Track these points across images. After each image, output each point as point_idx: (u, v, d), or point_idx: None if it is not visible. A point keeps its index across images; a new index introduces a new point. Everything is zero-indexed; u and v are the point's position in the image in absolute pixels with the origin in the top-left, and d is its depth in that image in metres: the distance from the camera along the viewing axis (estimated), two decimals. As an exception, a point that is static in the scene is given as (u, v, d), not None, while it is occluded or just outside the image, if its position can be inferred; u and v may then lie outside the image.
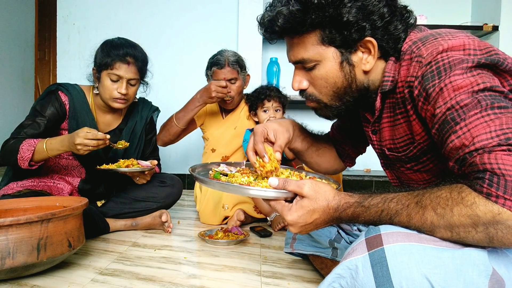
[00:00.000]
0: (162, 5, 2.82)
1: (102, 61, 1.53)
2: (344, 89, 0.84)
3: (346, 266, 0.65)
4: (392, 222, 0.65)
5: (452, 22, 2.70)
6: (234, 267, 1.26)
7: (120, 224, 1.67)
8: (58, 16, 2.86)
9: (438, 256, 0.58)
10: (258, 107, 1.93)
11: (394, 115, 0.86)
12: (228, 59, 1.91)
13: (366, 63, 0.82)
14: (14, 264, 1.02)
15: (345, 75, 0.82)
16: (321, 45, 0.80)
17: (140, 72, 1.60)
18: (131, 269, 1.22)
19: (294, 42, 0.83)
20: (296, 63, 0.87)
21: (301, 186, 0.74)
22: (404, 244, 0.60)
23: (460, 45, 0.70)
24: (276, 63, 2.67)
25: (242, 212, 1.80)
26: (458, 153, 0.63)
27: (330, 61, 0.81)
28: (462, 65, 0.67)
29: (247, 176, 0.89)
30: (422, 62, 0.72)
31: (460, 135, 0.63)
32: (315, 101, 0.88)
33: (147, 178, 1.68)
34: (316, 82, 0.85)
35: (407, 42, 0.79)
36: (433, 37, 0.74)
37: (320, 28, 0.78)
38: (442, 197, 0.60)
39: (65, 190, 1.57)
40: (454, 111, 0.65)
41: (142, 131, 1.77)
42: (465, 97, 0.65)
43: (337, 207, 0.72)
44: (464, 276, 0.57)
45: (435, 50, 0.71)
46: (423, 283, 0.57)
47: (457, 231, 0.59)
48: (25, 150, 1.40)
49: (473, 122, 0.62)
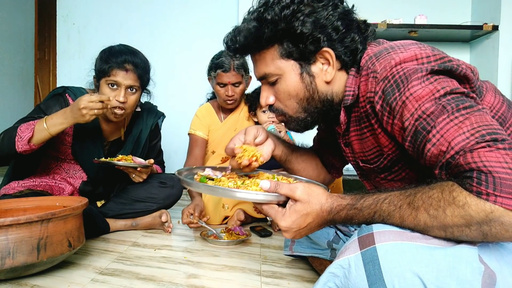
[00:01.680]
0: (162, 5, 2.82)
1: (100, 68, 1.48)
2: (307, 100, 0.86)
3: (339, 264, 0.65)
4: (386, 223, 0.65)
5: (452, 22, 2.70)
6: (234, 267, 1.26)
7: (120, 224, 1.67)
8: (58, 16, 2.86)
9: (430, 254, 0.59)
10: (258, 107, 1.93)
11: (360, 129, 0.87)
12: (234, 62, 1.88)
13: (326, 74, 0.84)
14: (14, 264, 1.02)
15: (306, 86, 0.84)
16: (280, 59, 0.83)
17: (140, 80, 1.53)
18: (131, 269, 1.22)
19: (256, 58, 0.87)
20: (261, 79, 0.89)
21: (293, 189, 0.73)
22: (396, 242, 0.60)
23: (411, 56, 0.72)
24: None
25: (242, 212, 1.80)
26: (440, 160, 0.64)
27: (290, 74, 0.84)
28: (417, 75, 0.69)
29: (234, 180, 0.87)
30: (377, 78, 0.75)
31: (435, 142, 0.64)
32: (282, 114, 0.90)
33: (143, 177, 1.65)
34: (280, 96, 0.87)
35: (364, 57, 0.82)
36: (386, 51, 0.77)
37: (277, 42, 0.82)
38: (434, 197, 0.60)
39: (66, 190, 1.57)
40: (423, 120, 0.66)
41: (147, 139, 1.75)
42: (429, 105, 0.66)
43: (331, 210, 0.71)
44: (457, 273, 0.57)
45: (387, 64, 0.73)
46: (415, 281, 0.57)
47: (451, 230, 0.59)
48: (23, 130, 1.32)
49: (444, 128, 0.63)
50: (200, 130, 2.02)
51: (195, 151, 2.01)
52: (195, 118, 2.06)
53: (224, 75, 1.88)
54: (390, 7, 2.80)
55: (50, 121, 1.34)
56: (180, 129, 2.76)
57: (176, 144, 2.79)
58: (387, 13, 2.61)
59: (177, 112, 2.85)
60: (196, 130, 2.02)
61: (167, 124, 2.84)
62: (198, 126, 2.03)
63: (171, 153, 2.83)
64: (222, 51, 1.96)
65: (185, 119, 2.30)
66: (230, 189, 0.77)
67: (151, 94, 1.71)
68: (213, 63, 1.94)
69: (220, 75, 1.89)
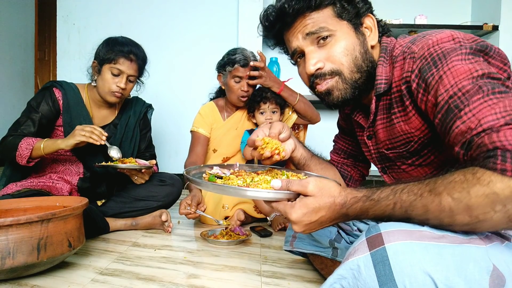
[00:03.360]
0: (162, 5, 2.82)
1: (106, 55, 1.58)
2: (362, 57, 0.87)
3: (348, 266, 0.64)
4: (409, 216, 0.64)
5: (452, 22, 2.70)
6: (234, 267, 1.26)
7: (120, 223, 1.67)
8: (58, 16, 2.86)
9: (439, 253, 0.58)
10: (255, 109, 1.94)
11: (388, 116, 0.87)
12: (250, 58, 1.91)
13: (370, 37, 0.89)
14: (14, 264, 1.02)
15: (360, 42, 0.87)
16: (335, 18, 0.86)
17: (139, 71, 1.67)
18: (131, 269, 1.22)
19: (311, 17, 0.87)
20: (310, 35, 0.87)
21: (305, 185, 0.72)
22: (405, 242, 0.60)
23: (448, 36, 0.74)
24: (276, 63, 2.67)
25: (242, 212, 1.80)
26: (465, 137, 0.63)
27: (345, 32, 0.87)
28: (457, 52, 0.70)
29: (243, 177, 0.86)
30: (415, 57, 0.76)
31: (465, 120, 0.63)
32: (336, 74, 0.87)
33: (146, 178, 1.70)
34: (335, 53, 0.86)
35: (398, 48, 0.85)
36: (420, 37, 0.79)
37: (332, 3, 0.86)
38: (457, 181, 0.58)
39: (64, 189, 1.57)
40: (457, 98, 0.66)
41: (136, 125, 1.81)
42: (466, 83, 0.66)
43: (344, 203, 0.70)
44: (465, 272, 0.56)
45: (425, 44, 0.75)
46: (426, 280, 0.57)
47: (476, 214, 0.57)
48: (23, 148, 1.47)
49: (477, 107, 0.62)
50: (202, 127, 2.02)
51: (196, 148, 2.01)
52: (198, 116, 2.07)
53: (242, 69, 1.89)
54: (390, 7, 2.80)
55: (46, 143, 1.49)
56: (181, 129, 2.77)
57: (176, 144, 2.80)
58: (387, 13, 2.61)
59: (178, 111, 2.85)
60: (198, 128, 2.03)
61: (167, 124, 2.85)
62: (200, 124, 2.03)
63: (171, 153, 2.83)
64: (236, 49, 1.97)
65: (186, 118, 2.30)
66: (240, 187, 0.76)
67: (144, 85, 1.81)
68: (228, 59, 1.93)
69: (237, 69, 1.89)
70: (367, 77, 0.88)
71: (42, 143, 1.48)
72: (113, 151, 1.61)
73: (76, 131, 1.47)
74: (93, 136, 1.46)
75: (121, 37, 1.66)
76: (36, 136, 1.54)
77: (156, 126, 2.64)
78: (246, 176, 0.88)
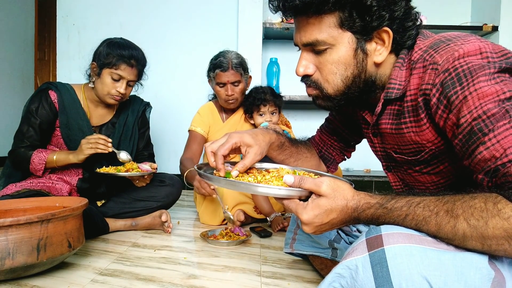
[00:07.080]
0: (162, 6, 2.82)
1: (106, 59, 1.57)
2: (353, 78, 0.80)
3: (346, 265, 0.64)
4: (418, 229, 0.63)
5: (452, 22, 2.70)
6: (234, 268, 1.26)
7: (120, 224, 1.67)
8: (58, 16, 2.86)
9: (438, 258, 0.58)
10: (254, 111, 1.93)
11: (397, 123, 0.83)
12: (232, 61, 1.90)
13: (378, 55, 0.80)
14: (14, 264, 1.02)
15: (357, 63, 0.79)
16: (338, 29, 0.77)
17: (139, 75, 1.67)
18: (130, 270, 1.22)
19: (310, 22, 0.79)
20: (306, 45, 0.82)
21: (318, 184, 0.70)
22: (404, 245, 0.60)
23: (476, 49, 0.67)
24: (276, 64, 2.68)
25: (242, 212, 1.80)
26: (489, 165, 0.61)
27: (345, 46, 0.78)
28: (484, 71, 0.65)
29: (254, 175, 0.86)
30: (438, 70, 0.70)
31: (489, 146, 0.61)
32: (317, 89, 0.84)
33: (147, 181, 1.71)
34: (325, 68, 0.81)
35: (417, 51, 0.77)
36: (444, 43, 0.72)
37: (341, 9, 0.75)
38: (476, 207, 0.57)
39: (63, 190, 1.57)
40: (481, 121, 0.63)
41: (134, 124, 1.80)
42: (492, 106, 0.62)
43: (357, 207, 0.69)
44: (466, 279, 0.56)
45: (450, 56, 0.69)
46: (423, 284, 0.56)
47: (489, 243, 0.57)
48: (36, 163, 1.54)
49: (502, 133, 0.60)
50: (200, 127, 2.03)
51: (192, 146, 2.01)
52: (196, 115, 2.07)
53: (223, 74, 1.89)
54: (390, 8, 2.79)
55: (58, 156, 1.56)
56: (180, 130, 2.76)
57: (176, 145, 2.79)
58: (387, 14, 2.61)
59: (177, 112, 2.85)
60: (196, 127, 2.03)
61: (167, 125, 2.85)
62: (198, 123, 2.04)
63: (171, 154, 2.83)
64: (221, 52, 1.98)
65: (186, 119, 2.30)
66: (252, 183, 0.75)
67: (143, 86, 1.80)
68: (212, 63, 1.97)
69: (219, 74, 1.91)
70: (363, 89, 0.83)
71: (55, 156, 1.54)
72: (123, 155, 1.63)
73: (82, 145, 1.51)
74: (99, 146, 1.50)
75: (121, 40, 1.64)
76: (40, 140, 1.58)
77: (156, 126, 2.63)
78: (257, 174, 0.87)
